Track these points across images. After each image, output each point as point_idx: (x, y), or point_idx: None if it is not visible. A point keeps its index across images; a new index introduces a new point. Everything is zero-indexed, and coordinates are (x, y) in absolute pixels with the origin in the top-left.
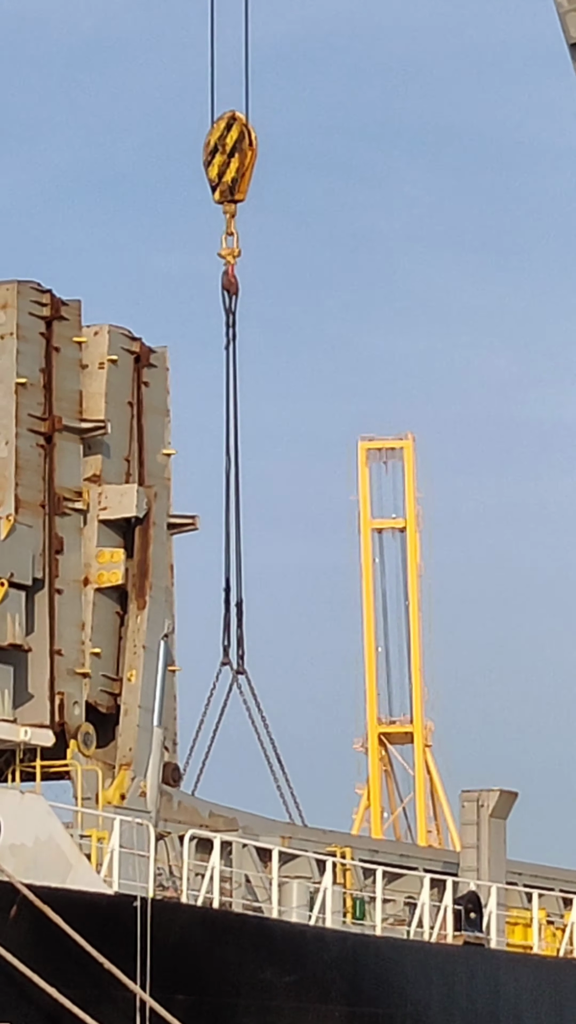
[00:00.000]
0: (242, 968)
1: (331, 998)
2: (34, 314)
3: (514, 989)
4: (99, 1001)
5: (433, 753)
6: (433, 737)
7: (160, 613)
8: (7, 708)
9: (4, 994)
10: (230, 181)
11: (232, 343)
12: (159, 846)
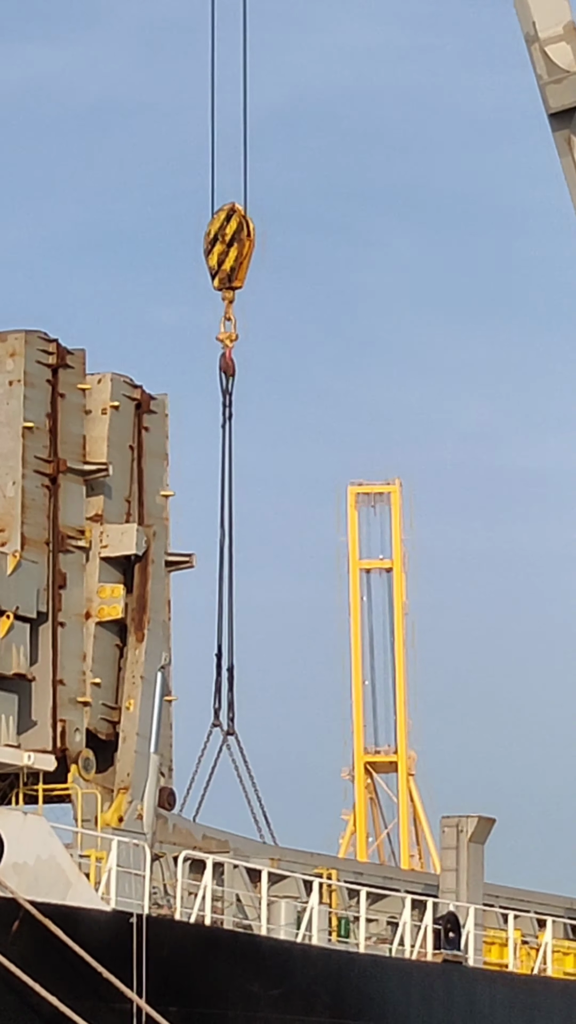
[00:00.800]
0: (232, 981)
1: (316, 1011)
2: (41, 362)
3: (490, 1005)
4: (97, 1011)
5: (416, 781)
6: (416, 766)
7: (158, 646)
8: (11, 734)
9: (7, 1004)
10: (229, 269)
11: (228, 422)
12: (154, 866)
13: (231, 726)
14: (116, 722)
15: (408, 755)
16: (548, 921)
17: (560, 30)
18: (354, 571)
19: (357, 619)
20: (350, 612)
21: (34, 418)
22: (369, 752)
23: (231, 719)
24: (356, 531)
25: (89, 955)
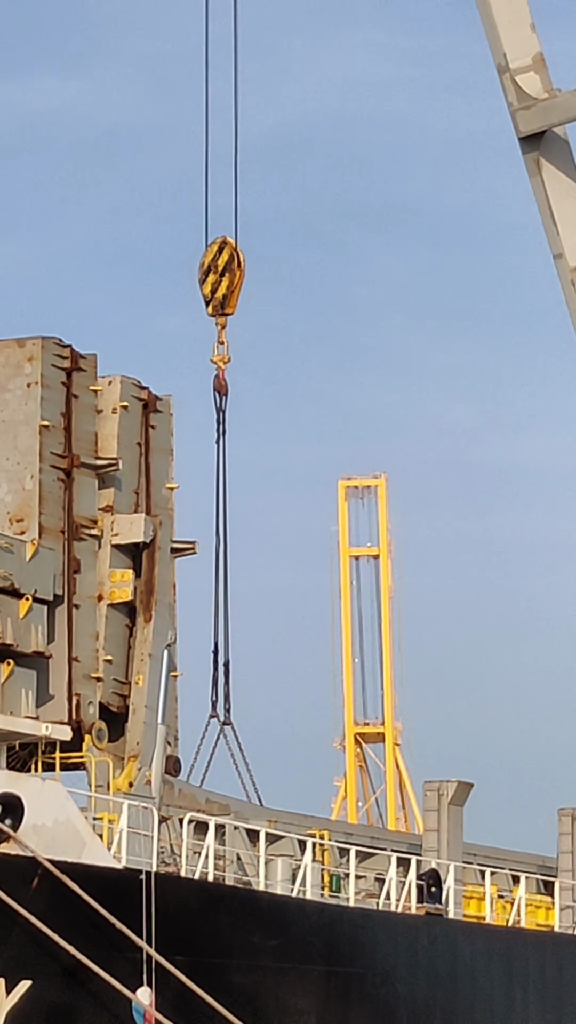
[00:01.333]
0: (233, 933)
1: (310, 960)
2: (56, 366)
3: (469, 954)
4: (111, 959)
5: (401, 750)
6: (401, 736)
7: (164, 626)
8: (30, 707)
9: (29, 953)
10: (221, 297)
11: (222, 438)
12: (162, 827)
13: (227, 717)
14: (126, 696)
15: (394, 726)
16: (522, 877)
17: (529, 61)
18: (344, 558)
19: (347, 602)
20: (340, 596)
21: (50, 417)
22: (358, 724)
23: (227, 710)
24: (346, 521)
25: (103, 908)
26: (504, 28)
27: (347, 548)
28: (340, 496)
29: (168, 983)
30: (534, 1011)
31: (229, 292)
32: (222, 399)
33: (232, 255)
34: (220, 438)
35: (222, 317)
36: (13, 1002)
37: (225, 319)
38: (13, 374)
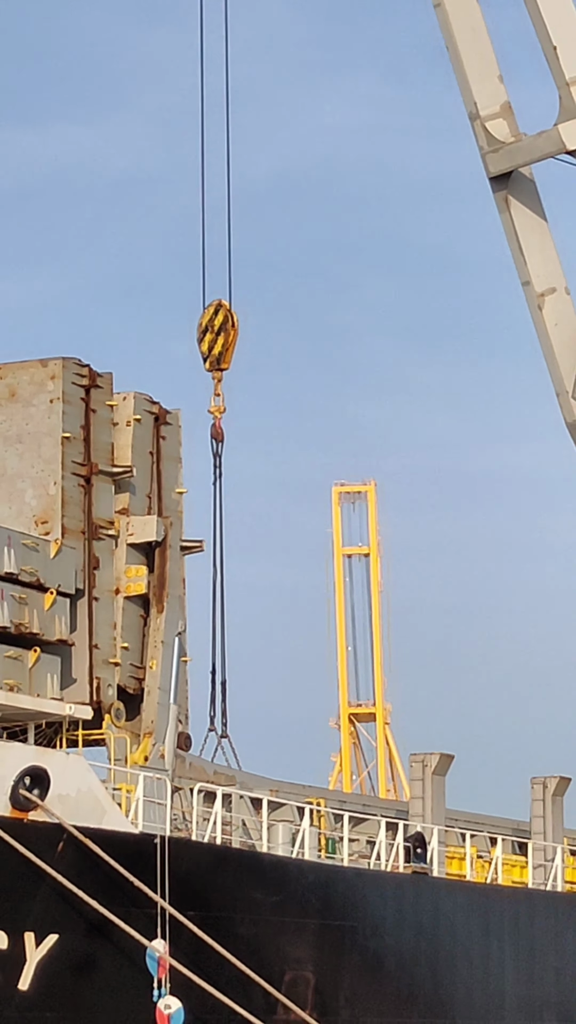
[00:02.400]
0: (239, 890)
1: (308, 914)
2: (76, 383)
3: (451, 908)
4: (130, 914)
5: (391, 728)
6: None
7: (175, 616)
8: (55, 689)
9: (57, 908)
10: (217, 354)
11: (219, 480)
12: (174, 797)
13: (224, 731)
14: (141, 679)
15: (384, 707)
16: (499, 839)
17: (497, 108)
18: (338, 557)
19: (341, 596)
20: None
21: (71, 429)
22: (352, 705)
23: (224, 724)
24: (339, 523)
25: (122, 869)
26: (474, 80)
27: (340, 547)
28: (334, 500)
29: (181, 935)
30: (509, 960)
31: (224, 349)
32: (218, 445)
33: (227, 316)
34: (217, 480)
35: (218, 372)
36: (42, 953)
37: (221, 374)
38: (37, 391)
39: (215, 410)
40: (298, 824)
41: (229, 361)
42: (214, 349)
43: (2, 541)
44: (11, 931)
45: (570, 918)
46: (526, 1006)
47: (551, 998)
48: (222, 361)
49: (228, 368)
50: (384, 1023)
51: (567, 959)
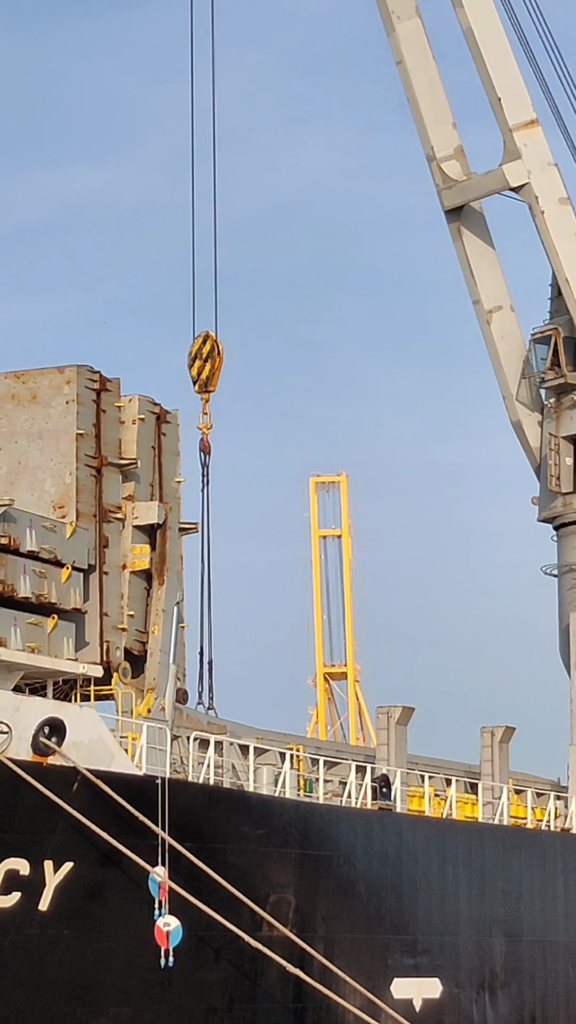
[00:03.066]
0: (229, 824)
1: (288, 844)
2: (88, 387)
3: (412, 840)
4: (136, 844)
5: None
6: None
7: (174, 588)
8: (71, 651)
9: (73, 839)
10: (205, 379)
11: (206, 488)
12: (173, 744)
13: (211, 703)
14: (145, 642)
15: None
16: (453, 780)
17: (451, 151)
18: (314, 538)
19: (317, 571)
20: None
21: (84, 427)
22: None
23: (211, 698)
24: (316, 509)
25: (128, 805)
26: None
27: (317, 530)
28: (311, 489)
29: (179, 862)
30: (462, 884)
31: (211, 374)
32: (206, 457)
33: (213, 345)
34: (204, 487)
35: (206, 394)
36: (59, 879)
37: (208, 395)
38: (55, 394)
39: (203, 427)
40: (280, 767)
41: (215, 384)
42: (202, 374)
43: (24, 523)
44: (32, 860)
45: (515, 848)
46: (477, 923)
47: (499, 916)
48: (209, 384)
49: (214, 390)
50: (355, 939)
51: (512, 883)
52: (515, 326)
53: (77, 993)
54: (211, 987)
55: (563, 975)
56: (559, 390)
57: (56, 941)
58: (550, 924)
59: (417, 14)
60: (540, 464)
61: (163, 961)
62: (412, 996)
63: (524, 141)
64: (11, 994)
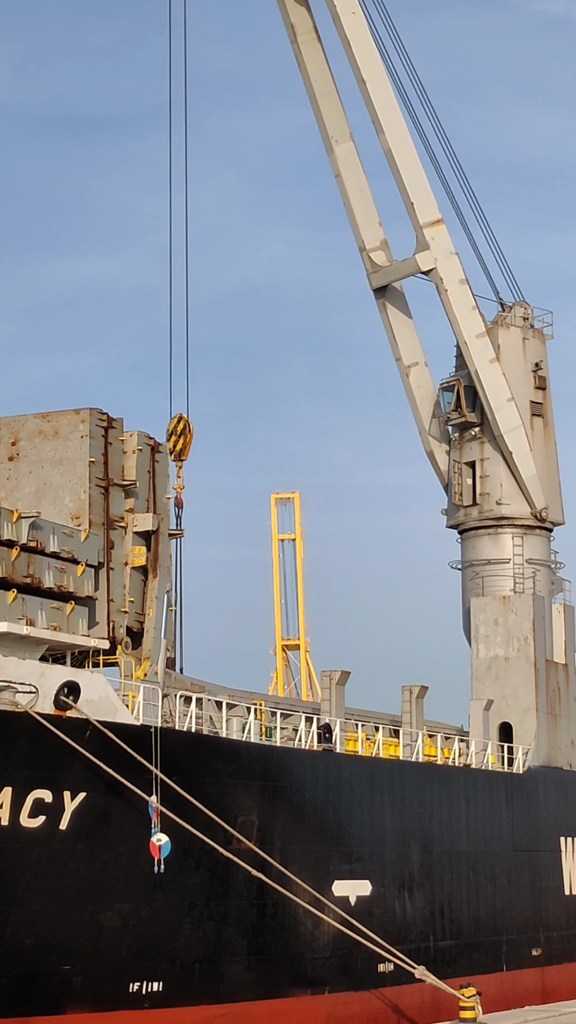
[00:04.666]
0: (207, 762)
1: (253, 777)
2: (98, 425)
3: (348, 773)
4: (135, 779)
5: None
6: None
7: (164, 580)
8: (85, 629)
9: (86, 775)
10: (179, 450)
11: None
12: (164, 700)
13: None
14: (142, 622)
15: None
16: (380, 727)
17: (377, 244)
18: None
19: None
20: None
21: (95, 456)
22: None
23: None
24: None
25: (129, 748)
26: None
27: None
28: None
29: (168, 792)
30: (388, 808)
31: (183, 447)
32: (179, 511)
33: (185, 424)
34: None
35: (179, 462)
36: (75, 805)
37: (181, 463)
38: (72, 430)
39: (177, 487)
40: (246, 718)
41: (187, 454)
42: (177, 447)
43: (48, 530)
44: (55, 790)
45: (427, 779)
46: (398, 837)
47: (415, 832)
48: (182, 455)
49: (186, 459)
50: (304, 850)
51: (425, 806)
52: (428, 378)
53: (89, 893)
54: (193, 888)
55: (465, 876)
56: (461, 427)
57: (72, 853)
58: (455, 837)
59: (350, 138)
60: (447, 483)
61: (156, 868)
62: (348, 894)
63: (432, 235)
64: (39, 893)
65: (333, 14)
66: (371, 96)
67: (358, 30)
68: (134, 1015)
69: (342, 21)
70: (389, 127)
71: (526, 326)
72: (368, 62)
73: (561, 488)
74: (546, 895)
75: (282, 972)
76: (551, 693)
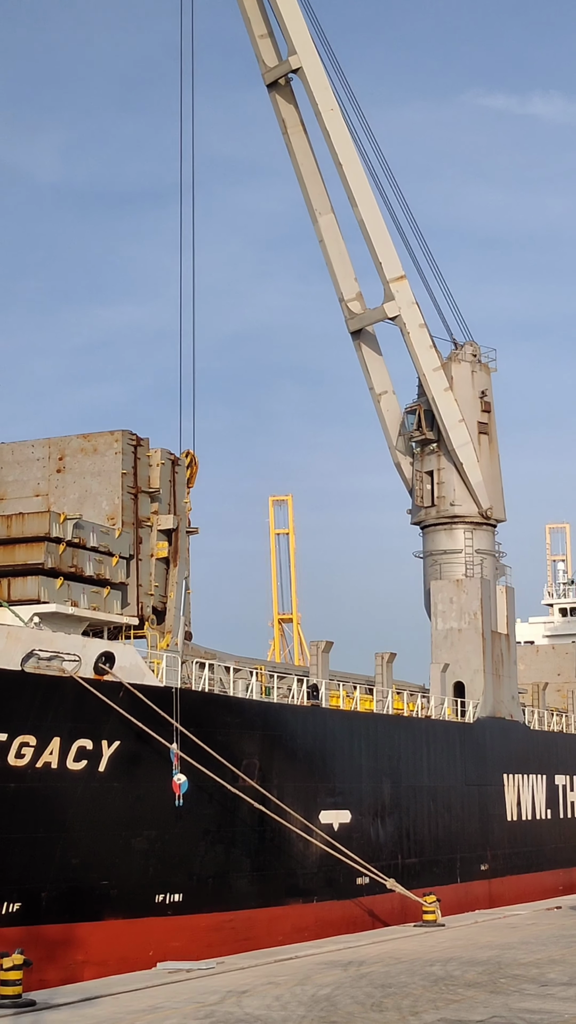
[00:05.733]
0: (218, 716)
1: (254, 728)
2: (129, 444)
3: (332, 724)
4: (159, 730)
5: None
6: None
7: (183, 568)
8: (118, 609)
9: (119, 727)
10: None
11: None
12: (182, 666)
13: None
14: (165, 602)
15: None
16: (357, 686)
17: (354, 295)
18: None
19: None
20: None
21: (126, 469)
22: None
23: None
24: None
25: (154, 705)
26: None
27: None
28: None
29: (186, 741)
30: (364, 752)
31: (191, 476)
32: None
33: (192, 458)
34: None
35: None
36: (112, 751)
37: (188, 490)
38: (108, 448)
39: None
40: (250, 680)
41: (193, 482)
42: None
43: (89, 529)
44: (94, 740)
45: (396, 728)
46: (372, 775)
47: (386, 770)
48: (189, 482)
49: (193, 487)
50: (296, 786)
51: (394, 749)
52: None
53: (123, 822)
54: (206, 818)
55: (425, 806)
56: (422, 443)
57: (109, 790)
58: (417, 775)
59: (331, 210)
60: (411, 488)
61: (177, 802)
62: (332, 822)
63: (396, 289)
64: (82, 823)
65: (316, 111)
66: (347, 176)
67: (336, 124)
68: (159, 921)
69: (323, 116)
70: (361, 201)
71: (474, 361)
72: (344, 149)
73: (503, 492)
74: (492, 821)
75: (279, 885)
76: (496, 658)
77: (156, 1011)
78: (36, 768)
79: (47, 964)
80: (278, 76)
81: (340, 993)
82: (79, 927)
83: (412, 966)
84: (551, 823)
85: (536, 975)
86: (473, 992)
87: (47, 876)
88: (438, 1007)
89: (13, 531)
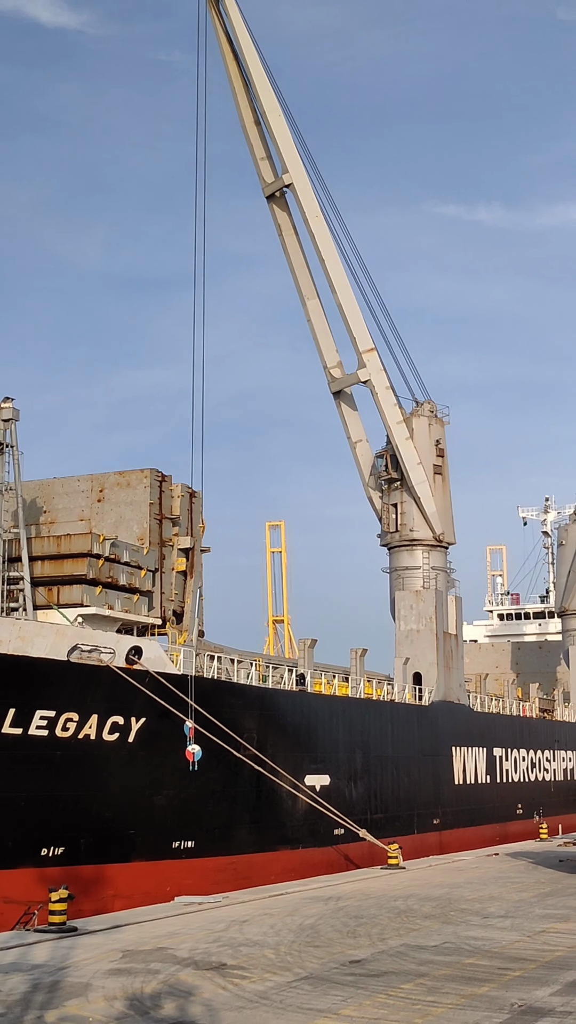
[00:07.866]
0: (225, 698)
1: (253, 708)
2: (155, 479)
3: (317, 706)
4: (178, 709)
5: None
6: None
7: (198, 579)
8: (146, 612)
9: (145, 706)
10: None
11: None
12: (197, 658)
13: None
14: (183, 607)
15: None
16: (336, 675)
17: (335, 363)
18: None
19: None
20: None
21: (153, 500)
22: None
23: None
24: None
25: (175, 688)
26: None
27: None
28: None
29: (200, 717)
30: (341, 728)
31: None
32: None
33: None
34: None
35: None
36: (139, 725)
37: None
38: (139, 483)
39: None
40: (249, 669)
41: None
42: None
43: (123, 548)
44: (125, 716)
45: (367, 709)
46: (347, 746)
47: (358, 743)
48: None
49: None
50: (286, 754)
51: (365, 726)
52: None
53: (148, 783)
54: (214, 779)
55: (390, 772)
56: (388, 481)
57: (136, 757)
58: (383, 746)
59: (316, 295)
60: (380, 517)
61: (191, 767)
62: (315, 783)
63: (367, 358)
64: (114, 783)
65: (304, 217)
66: (328, 269)
67: (320, 227)
68: (176, 863)
69: (309, 222)
70: (340, 288)
71: (431, 416)
72: (326, 247)
73: (453, 520)
74: (442, 784)
75: (271, 834)
76: (447, 653)
77: (174, 936)
78: (78, 739)
79: (83, 898)
80: (274, 190)
81: (322, 923)
82: (110, 867)
83: (380, 901)
84: (490, 786)
85: (479, 909)
86: (429, 922)
87: (85, 826)
88: (400, 935)
89: (62, 548)
